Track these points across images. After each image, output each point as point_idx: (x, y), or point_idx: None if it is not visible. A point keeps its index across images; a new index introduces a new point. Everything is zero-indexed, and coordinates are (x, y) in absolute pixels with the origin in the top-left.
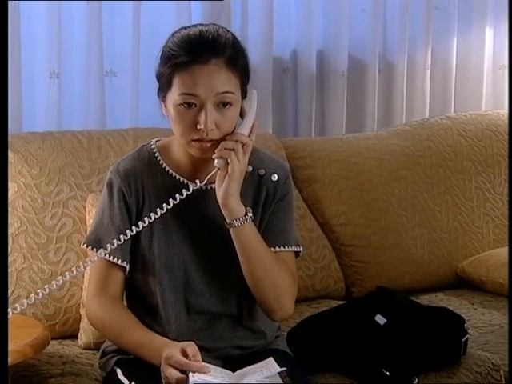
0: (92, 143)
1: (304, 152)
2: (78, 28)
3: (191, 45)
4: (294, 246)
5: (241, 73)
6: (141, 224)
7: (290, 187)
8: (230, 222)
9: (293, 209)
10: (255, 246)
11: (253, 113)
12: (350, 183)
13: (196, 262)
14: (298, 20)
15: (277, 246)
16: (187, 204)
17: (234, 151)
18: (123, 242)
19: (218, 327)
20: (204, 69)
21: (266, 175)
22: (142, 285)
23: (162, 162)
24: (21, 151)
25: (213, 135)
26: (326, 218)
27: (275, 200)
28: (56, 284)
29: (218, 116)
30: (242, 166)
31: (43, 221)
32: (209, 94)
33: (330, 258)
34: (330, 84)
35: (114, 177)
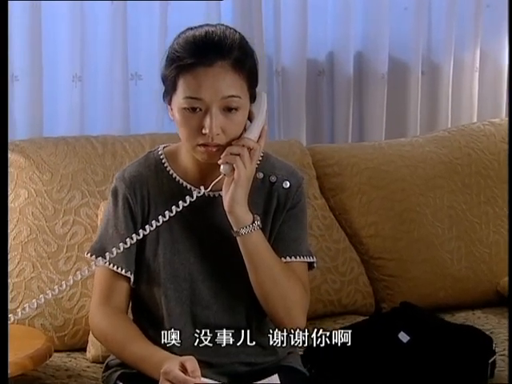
0: (106, 149)
1: (332, 159)
2: (102, 29)
3: (196, 46)
4: (306, 256)
5: (248, 75)
6: (141, 232)
7: (303, 195)
8: (236, 230)
9: (305, 218)
10: (263, 256)
11: (262, 117)
12: (380, 193)
13: (203, 273)
14: (335, 19)
15: (287, 256)
16: (194, 212)
17: (239, 156)
18: (127, 252)
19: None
20: (209, 71)
21: (277, 182)
22: (147, 296)
23: (169, 168)
24: (32, 157)
25: (219, 140)
26: (355, 229)
27: (286, 208)
28: (59, 289)
29: (224, 120)
30: (248, 172)
31: (54, 229)
32: (214, 97)
33: (358, 271)
34: (368, 87)
35: (119, 184)
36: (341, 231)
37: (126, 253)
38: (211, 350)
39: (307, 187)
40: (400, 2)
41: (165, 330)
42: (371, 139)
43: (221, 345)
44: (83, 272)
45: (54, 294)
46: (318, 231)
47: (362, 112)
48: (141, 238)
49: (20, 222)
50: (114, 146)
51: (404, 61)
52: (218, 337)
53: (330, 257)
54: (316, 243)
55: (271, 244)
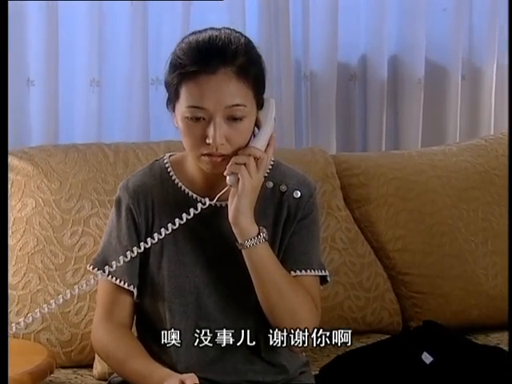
0: (118, 157)
1: (358, 169)
2: (121, 31)
3: (198, 53)
4: (318, 269)
5: (254, 82)
6: (143, 245)
7: (315, 205)
8: (241, 242)
9: (317, 229)
10: (269, 269)
11: (269, 124)
12: (409, 204)
13: (210, 286)
14: (368, 20)
15: (297, 269)
16: (201, 222)
17: (245, 166)
18: (131, 265)
19: (232, 359)
20: (212, 79)
21: (287, 192)
22: (151, 310)
23: (175, 177)
24: (41, 165)
25: (223, 150)
26: (381, 243)
27: (297, 219)
28: (55, 303)
29: (228, 130)
30: (254, 182)
31: (62, 239)
32: (217, 107)
33: (384, 287)
34: (404, 93)
35: (123, 193)
36: (366, 245)
37: (129, 266)
38: (217, 367)
39: (330, 198)
40: (438, 3)
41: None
42: (406, 148)
43: (228, 362)
44: (88, 281)
45: (57, 304)
46: (341, 244)
47: (396, 119)
48: (142, 250)
49: (27, 232)
50: (127, 154)
51: (442, 64)
52: (225, 354)
53: (354, 272)
54: (339, 257)
55: (281, 256)
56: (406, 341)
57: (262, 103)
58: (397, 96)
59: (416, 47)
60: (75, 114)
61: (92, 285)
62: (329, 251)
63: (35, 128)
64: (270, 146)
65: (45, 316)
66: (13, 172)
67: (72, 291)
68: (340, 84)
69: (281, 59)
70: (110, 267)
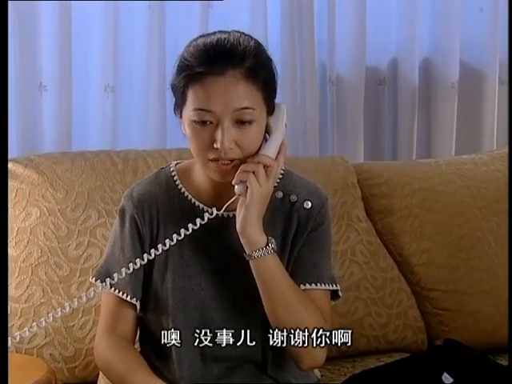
0: (127, 165)
1: (381, 178)
2: (138, 33)
3: (206, 54)
4: (328, 283)
5: (263, 86)
6: (146, 256)
7: (326, 217)
8: (249, 253)
9: (329, 241)
10: (278, 282)
11: (280, 131)
12: (435, 216)
13: (216, 300)
14: (399, 21)
15: (307, 282)
16: (208, 233)
17: (254, 174)
18: (134, 277)
19: (238, 376)
20: (219, 81)
21: (297, 202)
22: (154, 325)
23: (181, 186)
24: (46, 173)
25: (232, 154)
26: (405, 257)
27: (307, 230)
28: (54, 316)
29: (237, 134)
30: (263, 191)
31: (67, 251)
32: (225, 109)
33: (407, 303)
34: (436, 98)
35: (127, 203)
36: (389, 258)
37: (132, 278)
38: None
39: (351, 209)
40: (474, 3)
41: (172, 363)
42: (440, 156)
43: (234, 380)
44: (88, 294)
45: (55, 317)
46: (361, 258)
47: (428, 126)
48: (145, 262)
49: (31, 243)
50: (136, 162)
51: (478, 67)
52: (231, 371)
53: (376, 287)
54: (359, 271)
55: (290, 269)
56: (425, 360)
57: (272, 109)
58: (429, 102)
59: (450, 49)
60: (89, 121)
61: (92, 297)
62: (348, 265)
63: (47, 135)
64: (280, 154)
65: (48, 330)
66: (17, 180)
67: (71, 304)
68: (368, 89)
69: (305, 62)
70: (112, 279)
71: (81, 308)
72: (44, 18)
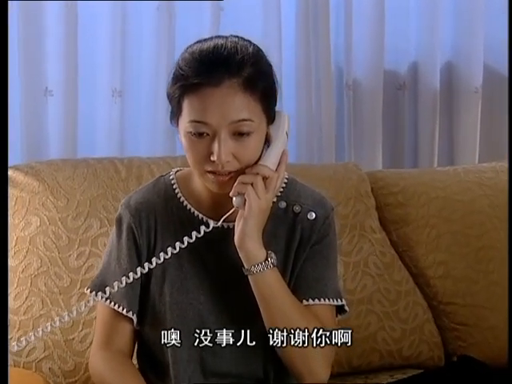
0: (131, 172)
1: (396, 187)
2: (146, 36)
3: (201, 63)
4: (333, 298)
5: (262, 95)
6: (139, 270)
7: (331, 228)
8: (247, 267)
9: (334, 254)
10: (278, 298)
11: (281, 140)
12: (452, 226)
13: (214, 315)
14: (419, 23)
15: (310, 297)
16: (207, 246)
17: (252, 186)
18: (130, 289)
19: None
20: (216, 92)
21: (301, 213)
22: (151, 340)
23: (180, 195)
24: (47, 181)
25: (230, 167)
26: (421, 269)
27: (311, 243)
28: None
29: (234, 146)
30: (262, 204)
31: (67, 261)
32: (222, 122)
33: (423, 318)
34: (459, 103)
35: (124, 212)
36: (404, 270)
37: (128, 290)
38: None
39: (364, 218)
40: (498, 3)
41: (169, 380)
42: (462, 164)
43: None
44: (88, 303)
45: (53, 326)
46: (375, 270)
47: (451, 132)
48: (138, 276)
49: (30, 252)
50: (140, 170)
51: (502, 72)
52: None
53: (390, 300)
54: (372, 284)
55: (293, 283)
56: (440, 377)
57: (273, 117)
58: (451, 107)
59: (473, 53)
60: (96, 127)
61: (91, 307)
62: (361, 277)
63: (53, 141)
64: (281, 164)
65: (47, 343)
66: (17, 188)
67: (70, 313)
68: (387, 94)
69: (320, 66)
70: (105, 293)
71: (81, 320)
72: (49, 19)
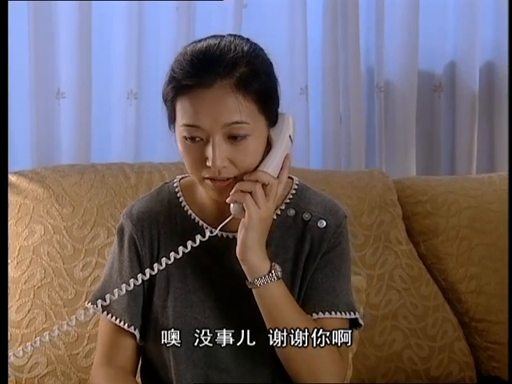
0: (141, 179)
1: (424, 195)
2: (163, 36)
3: (192, 64)
4: (345, 311)
5: (258, 96)
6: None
7: (343, 237)
8: (251, 280)
9: (346, 265)
10: (283, 312)
11: (282, 144)
12: (485, 238)
13: (221, 329)
14: (457, 20)
15: (320, 311)
16: (211, 257)
17: (251, 194)
18: (133, 303)
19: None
20: (207, 94)
21: (311, 221)
22: (155, 356)
23: (185, 203)
24: (52, 187)
25: (227, 173)
26: (451, 283)
27: (321, 252)
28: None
29: (230, 151)
30: (262, 213)
31: (72, 272)
32: (214, 125)
33: (453, 335)
34: (499, 106)
35: (126, 221)
36: (432, 285)
37: (130, 304)
38: None
39: (389, 229)
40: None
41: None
42: (502, 170)
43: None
44: (80, 316)
45: (52, 336)
46: (400, 283)
47: (491, 137)
48: (140, 283)
49: (33, 263)
50: (151, 176)
51: None
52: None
53: (416, 316)
54: (398, 298)
55: (302, 296)
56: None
57: (275, 119)
58: (491, 110)
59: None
60: (110, 131)
61: (91, 316)
62: (386, 291)
63: (65, 146)
64: (283, 169)
65: (50, 358)
66: (20, 195)
67: (69, 322)
68: (422, 96)
69: (349, 67)
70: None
71: (86, 334)
72: (62, 17)
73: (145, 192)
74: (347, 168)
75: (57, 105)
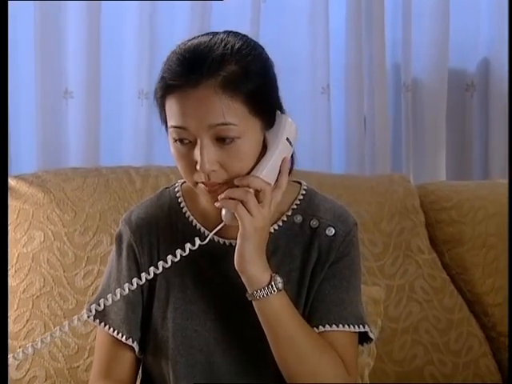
0: (147, 183)
1: (449, 201)
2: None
3: (179, 63)
4: (354, 324)
5: (248, 96)
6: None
7: (353, 246)
8: (250, 292)
9: (356, 275)
10: (285, 324)
11: (278, 147)
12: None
13: (223, 343)
14: (491, 15)
15: (327, 323)
16: (212, 266)
17: (243, 203)
18: (131, 314)
19: None
20: (193, 94)
21: (319, 228)
22: (155, 370)
23: (186, 209)
24: (53, 191)
25: (217, 177)
26: (477, 295)
27: (329, 261)
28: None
29: (219, 154)
30: (258, 222)
31: (73, 280)
32: (200, 126)
33: (479, 351)
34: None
35: (124, 228)
36: (457, 296)
37: (128, 315)
38: None
39: (410, 237)
40: None
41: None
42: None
43: None
44: (81, 317)
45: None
46: (422, 295)
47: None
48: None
49: (32, 271)
50: (157, 180)
51: None
52: None
53: (439, 330)
54: (419, 310)
55: (309, 307)
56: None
57: (271, 121)
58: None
59: None
60: (121, 132)
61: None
62: (406, 303)
63: (73, 148)
64: (282, 174)
65: (49, 372)
66: (20, 199)
67: (62, 328)
68: (452, 95)
69: (373, 65)
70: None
71: (87, 347)
72: (70, 16)
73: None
74: (371, 173)
75: (64, 105)
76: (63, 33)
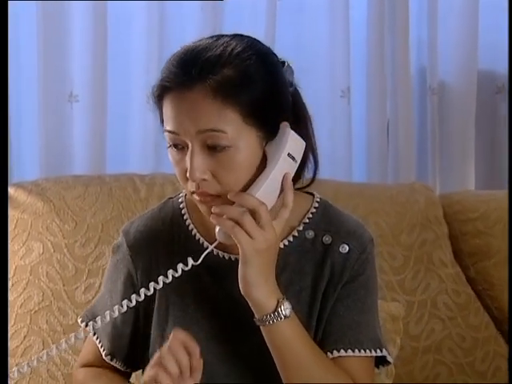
0: (152, 191)
1: (475, 212)
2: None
3: (176, 64)
4: (370, 349)
5: (243, 104)
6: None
7: (368, 264)
8: (258, 317)
9: (372, 296)
10: (296, 351)
11: (278, 162)
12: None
13: (226, 366)
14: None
15: (342, 348)
16: (216, 284)
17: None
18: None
19: None
20: (186, 97)
21: (332, 244)
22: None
23: (189, 221)
24: (53, 200)
25: (208, 188)
26: (505, 312)
27: (343, 281)
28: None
29: (210, 162)
30: (259, 244)
31: (73, 294)
32: (189, 131)
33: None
34: None
35: (122, 240)
36: (483, 314)
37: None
38: None
39: (432, 249)
40: None
41: None
42: None
43: None
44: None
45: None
46: (445, 312)
47: None
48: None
49: (30, 284)
50: (163, 188)
51: None
52: None
53: (464, 349)
54: (442, 328)
55: (321, 330)
56: None
57: (274, 131)
58: None
59: None
60: (128, 137)
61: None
62: (428, 320)
63: (78, 154)
64: (286, 191)
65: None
66: (18, 209)
67: (58, 346)
68: (482, 98)
69: (397, 67)
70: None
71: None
72: (75, 14)
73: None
74: (395, 182)
75: (69, 109)
76: (67, 33)
